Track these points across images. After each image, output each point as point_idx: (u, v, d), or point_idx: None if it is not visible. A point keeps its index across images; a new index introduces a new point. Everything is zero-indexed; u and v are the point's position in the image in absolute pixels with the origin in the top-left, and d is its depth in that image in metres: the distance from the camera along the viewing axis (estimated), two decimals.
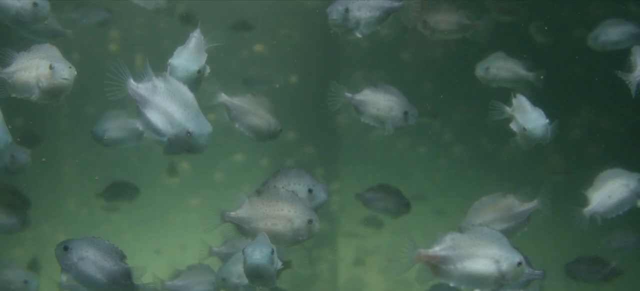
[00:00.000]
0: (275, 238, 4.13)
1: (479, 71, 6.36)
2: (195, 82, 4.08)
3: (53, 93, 4.18)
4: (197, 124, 3.76)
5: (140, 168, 9.66)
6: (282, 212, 4.19)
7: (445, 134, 10.72)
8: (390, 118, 5.37)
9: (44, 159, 6.16)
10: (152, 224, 10.39)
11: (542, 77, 6.18)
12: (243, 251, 3.73)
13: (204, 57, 4.19)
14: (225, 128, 5.36)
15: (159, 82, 3.85)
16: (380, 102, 5.38)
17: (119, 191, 7.96)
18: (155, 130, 3.81)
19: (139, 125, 3.88)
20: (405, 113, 5.38)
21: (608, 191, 5.20)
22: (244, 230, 4.26)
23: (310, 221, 4.17)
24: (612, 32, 6.39)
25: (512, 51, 6.46)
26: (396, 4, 4.89)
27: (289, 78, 10.32)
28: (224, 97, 5.28)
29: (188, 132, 3.74)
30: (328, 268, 10.69)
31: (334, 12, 4.81)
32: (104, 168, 9.35)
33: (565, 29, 8.75)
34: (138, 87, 3.87)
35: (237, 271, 4.68)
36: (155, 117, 3.81)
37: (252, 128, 5.35)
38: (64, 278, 3.98)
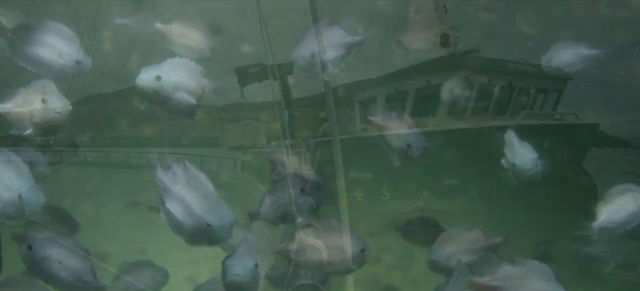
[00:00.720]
0: (329, 268, 4.07)
1: (444, 93, 6.32)
2: (155, 91, 3.88)
3: (46, 127, 4.06)
4: (217, 217, 3.53)
5: (139, 168, 9.65)
6: (335, 242, 4.07)
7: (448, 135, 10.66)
8: (397, 148, 5.32)
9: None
10: (155, 226, 10.36)
11: (531, 91, 6.13)
12: (222, 263, 3.62)
13: (180, 77, 4.01)
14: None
15: (178, 170, 3.67)
16: (392, 130, 5.32)
17: None
18: (175, 222, 3.61)
19: (161, 215, 3.70)
20: (409, 146, 5.31)
21: (617, 205, 5.17)
22: (296, 262, 4.11)
23: (363, 251, 4.07)
24: (564, 55, 6.29)
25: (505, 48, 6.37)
26: (358, 39, 4.81)
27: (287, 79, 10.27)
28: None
29: (208, 225, 3.53)
30: None
31: (301, 60, 4.63)
32: (104, 170, 9.36)
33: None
34: (161, 176, 3.69)
35: None
36: (175, 208, 3.61)
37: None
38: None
